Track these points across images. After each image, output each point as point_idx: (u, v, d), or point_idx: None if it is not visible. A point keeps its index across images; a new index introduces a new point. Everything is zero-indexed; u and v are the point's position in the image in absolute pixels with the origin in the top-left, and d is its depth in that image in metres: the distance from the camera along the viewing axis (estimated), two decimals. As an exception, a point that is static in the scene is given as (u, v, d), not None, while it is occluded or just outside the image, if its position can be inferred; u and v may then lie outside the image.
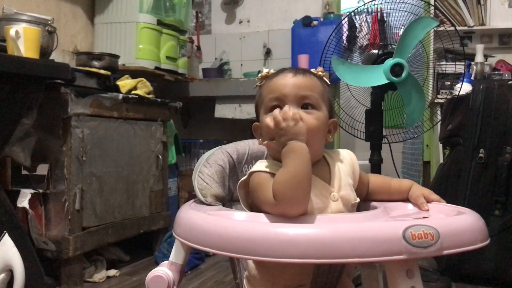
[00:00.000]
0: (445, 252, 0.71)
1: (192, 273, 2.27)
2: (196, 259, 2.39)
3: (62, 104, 1.96)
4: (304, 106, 0.95)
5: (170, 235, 2.46)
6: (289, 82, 0.96)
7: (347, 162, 1.01)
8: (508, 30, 3.41)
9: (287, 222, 0.78)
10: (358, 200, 0.98)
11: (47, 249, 1.92)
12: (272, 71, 1.04)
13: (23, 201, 1.85)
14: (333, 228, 0.70)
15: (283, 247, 0.68)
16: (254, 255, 0.70)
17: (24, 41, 1.81)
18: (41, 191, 1.95)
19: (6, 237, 1.58)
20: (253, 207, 0.95)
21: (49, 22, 2.09)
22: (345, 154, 1.03)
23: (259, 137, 1.01)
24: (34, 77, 1.79)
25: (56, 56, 2.41)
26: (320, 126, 0.95)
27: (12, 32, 1.79)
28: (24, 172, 1.96)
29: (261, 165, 0.93)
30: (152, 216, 2.51)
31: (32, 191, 1.91)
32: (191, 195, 3.06)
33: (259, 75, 1.05)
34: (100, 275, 2.12)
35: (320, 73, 1.02)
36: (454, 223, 0.76)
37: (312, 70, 1.02)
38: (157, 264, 1.86)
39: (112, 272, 2.20)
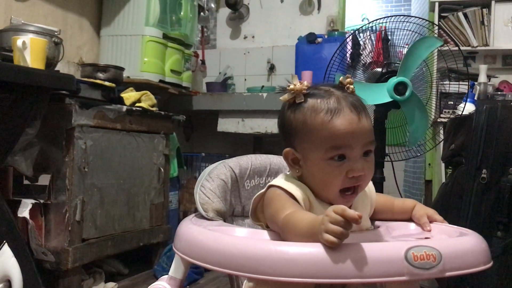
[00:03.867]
0: (447, 274, 0.70)
1: (190, 288, 2.26)
2: (195, 273, 2.38)
3: (66, 115, 1.97)
4: (365, 153, 0.88)
5: (170, 249, 2.44)
6: (356, 129, 0.86)
7: (367, 191, 1.00)
8: (511, 51, 3.42)
9: (288, 240, 0.78)
10: (372, 228, 0.98)
11: (46, 260, 1.91)
12: (306, 83, 0.90)
13: (24, 211, 1.85)
14: (329, 248, 0.69)
15: (284, 266, 0.68)
16: (254, 273, 0.70)
17: (30, 52, 1.83)
18: (42, 201, 1.94)
19: (5, 247, 1.58)
20: (261, 220, 0.95)
21: (56, 33, 2.11)
22: None
23: (292, 165, 0.93)
24: (39, 88, 1.80)
25: (61, 67, 2.42)
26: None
27: (19, 42, 1.81)
28: (25, 182, 1.96)
29: (282, 182, 0.91)
30: (152, 229, 2.50)
31: (33, 201, 1.90)
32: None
33: (292, 87, 0.89)
34: (98, 288, 2.11)
35: (351, 86, 0.91)
36: (457, 245, 0.75)
37: (341, 79, 0.92)
38: (156, 278, 1.85)
39: (110, 285, 2.18)
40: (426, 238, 0.88)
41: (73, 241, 1.96)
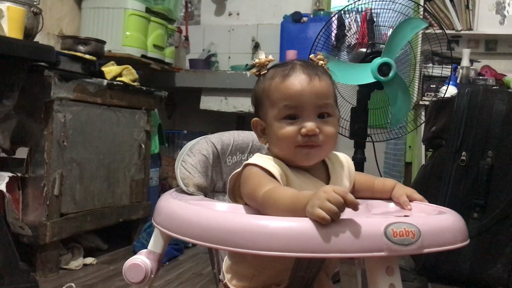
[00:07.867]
0: (426, 250, 0.71)
1: (170, 264, 2.26)
2: (175, 250, 2.38)
3: (45, 87, 1.92)
4: (321, 115, 0.90)
5: (150, 225, 2.43)
6: (305, 89, 0.88)
7: (344, 166, 1.00)
8: (494, 36, 3.44)
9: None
10: None
11: (23, 234, 1.89)
12: (270, 57, 0.97)
13: (0, 184, 1.82)
14: (315, 222, 0.69)
15: (264, 240, 0.67)
16: (234, 246, 0.69)
17: (8, 21, 1.78)
18: (19, 174, 1.91)
19: (-19, 220, 1.55)
20: (238, 201, 0.95)
21: (35, 3, 2.05)
22: (342, 158, 1.02)
23: (260, 135, 0.97)
24: (17, 58, 1.75)
25: (41, 39, 2.36)
26: (336, 132, 0.93)
27: (-5, 10, 1.75)
28: (2, 154, 1.93)
29: (257, 159, 0.91)
30: (132, 205, 2.49)
31: (10, 174, 1.87)
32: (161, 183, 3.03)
33: (257, 61, 0.96)
34: (76, 263, 2.09)
35: (321, 62, 0.96)
36: (435, 222, 0.76)
37: (312, 56, 0.97)
38: (135, 253, 1.85)
39: (89, 260, 2.17)
40: (405, 216, 0.89)
41: (51, 215, 1.94)
